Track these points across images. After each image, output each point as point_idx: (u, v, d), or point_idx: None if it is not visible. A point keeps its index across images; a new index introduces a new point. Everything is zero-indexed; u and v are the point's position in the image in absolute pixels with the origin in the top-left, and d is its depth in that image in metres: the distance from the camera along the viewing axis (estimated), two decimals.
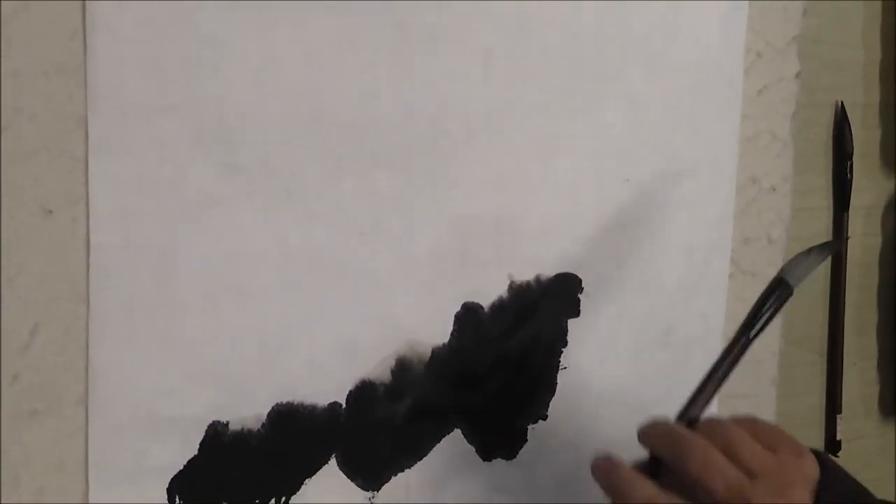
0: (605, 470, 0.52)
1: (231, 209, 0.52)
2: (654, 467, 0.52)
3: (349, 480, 0.57)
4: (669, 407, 0.61)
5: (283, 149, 0.53)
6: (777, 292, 0.55)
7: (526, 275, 0.61)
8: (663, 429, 0.53)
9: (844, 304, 0.76)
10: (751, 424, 0.54)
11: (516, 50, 0.59)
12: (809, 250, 0.57)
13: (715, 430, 0.53)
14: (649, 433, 0.54)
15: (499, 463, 0.62)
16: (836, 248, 0.59)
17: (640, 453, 0.52)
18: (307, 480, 0.56)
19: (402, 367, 0.58)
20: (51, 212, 0.48)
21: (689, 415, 0.54)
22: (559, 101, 0.60)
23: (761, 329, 0.55)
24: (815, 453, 0.53)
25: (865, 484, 0.54)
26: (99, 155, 0.48)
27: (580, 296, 0.63)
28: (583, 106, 0.61)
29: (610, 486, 0.51)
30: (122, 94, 0.48)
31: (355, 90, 0.54)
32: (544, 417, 0.63)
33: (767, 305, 0.55)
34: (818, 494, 0.51)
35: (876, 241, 0.78)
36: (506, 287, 0.61)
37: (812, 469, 0.52)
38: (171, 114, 0.50)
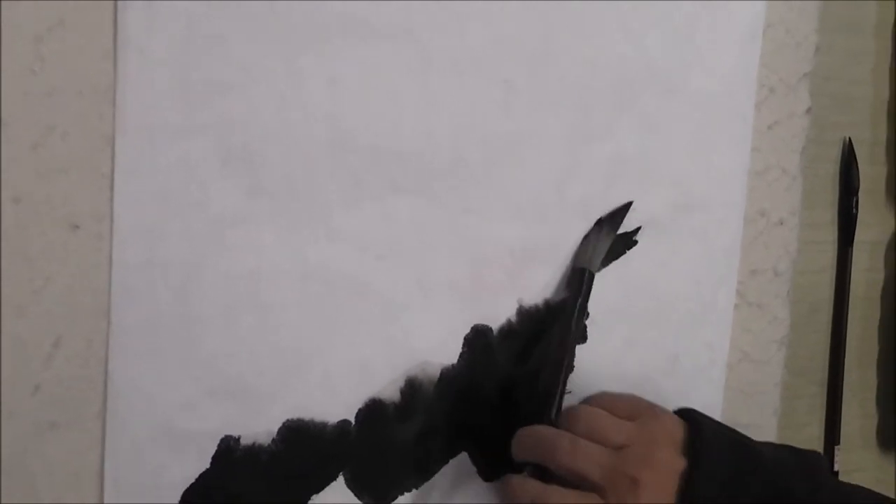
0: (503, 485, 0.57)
1: (253, 229, 0.53)
2: (540, 473, 0.55)
3: (356, 498, 0.58)
4: None
5: (306, 171, 0.54)
6: (586, 281, 0.61)
7: (535, 299, 0.62)
8: (527, 434, 0.56)
9: (846, 337, 0.77)
10: (607, 400, 0.57)
11: (536, 79, 0.60)
12: (589, 234, 0.63)
13: (575, 417, 0.56)
14: (517, 444, 0.57)
15: None
16: (616, 229, 0.63)
17: None
18: (314, 496, 0.57)
19: (412, 388, 0.59)
20: (77, 227, 0.48)
21: (550, 414, 0.58)
22: (576, 129, 0.61)
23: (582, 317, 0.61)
24: (682, 411, 0.56)
25: None
26: (125, 173, 0.49)
27: (587, 322, 0.64)
28: (598, 135, 0.62)
29: (505, 495, 0.56)
30: (150, 115, 0.49)
31: (377, 116, 0.55)
32: None
33: (583, 295, 0.61)
34: (690, 444, 0.53)
35: (879, 276, 0.79)
36: (515, 311, 0.61)
37: (673, 425, 0.55)
38: (197, 135, 0.51)
